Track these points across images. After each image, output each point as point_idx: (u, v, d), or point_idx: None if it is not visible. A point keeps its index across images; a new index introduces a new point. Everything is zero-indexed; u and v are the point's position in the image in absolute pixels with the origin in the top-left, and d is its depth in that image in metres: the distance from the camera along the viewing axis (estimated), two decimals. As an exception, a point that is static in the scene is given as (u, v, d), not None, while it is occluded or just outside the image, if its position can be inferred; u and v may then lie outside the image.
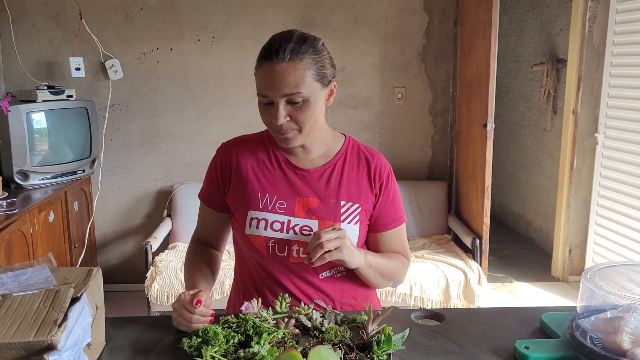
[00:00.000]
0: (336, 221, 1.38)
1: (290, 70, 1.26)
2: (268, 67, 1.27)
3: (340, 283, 1.44)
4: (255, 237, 1.38)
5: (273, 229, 1.37)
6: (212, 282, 1.46)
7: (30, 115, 3.08)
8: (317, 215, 1.38)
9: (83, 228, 3.52)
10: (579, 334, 1.10)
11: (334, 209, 1.39)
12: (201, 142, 3.80)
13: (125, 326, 1.23)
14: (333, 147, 1.44)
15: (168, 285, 3.07)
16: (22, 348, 0.85)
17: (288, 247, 1.37)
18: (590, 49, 3.77)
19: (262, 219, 1.37)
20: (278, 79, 1.26)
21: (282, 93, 1.26)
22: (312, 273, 1.40)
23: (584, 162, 3.92)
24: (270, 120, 1.31)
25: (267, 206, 1.38)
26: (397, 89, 3.83)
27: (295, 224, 1.37)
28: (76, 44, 3.57)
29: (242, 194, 1.40)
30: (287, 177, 1.40)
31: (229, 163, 1.43)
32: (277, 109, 1.27)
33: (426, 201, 3.78)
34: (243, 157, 1.42)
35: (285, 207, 1.38)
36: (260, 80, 1.30)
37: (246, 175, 1.41)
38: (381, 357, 1.06)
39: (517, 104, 5.23)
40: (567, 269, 4.10)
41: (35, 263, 1.08)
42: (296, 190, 1.39)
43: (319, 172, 1.41)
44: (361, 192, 1.42)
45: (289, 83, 1.26)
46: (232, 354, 1.05)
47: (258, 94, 1.31)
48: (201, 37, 3.68)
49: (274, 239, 1.37)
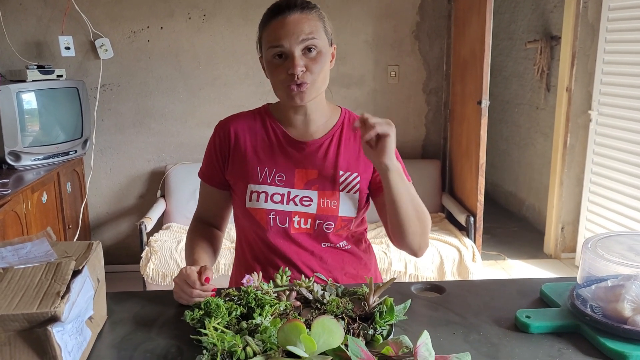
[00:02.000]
0: (335, 190, 1.39)
1: (304, 19, 1.29)
2: (280, 20, 1.29)
3: (342, 254, 1.44)
4: (256, 210, 1.38)
5: (273, 201, 1.37)
6: (214, 259, 1.47)
7: (20, 95, 3.03)
8: (317, 186, 1.38)
9: (77, 209, 3.50)
10: (579, 303, 1.11)
11: (333, 179, 1.39)
12: (193, 122, 3.77)
13: (126, 301, 1.23)
14: (330, 119, 1.45)
15: (163, 265, 3.06)
16: (26, 320, 0.84)
17: (289, 218, 1.38)
18: (584, 25, 3.76)
19: (262, 191, 1.37)
20: (293, 27, 1.27)
21: (299, 39, 1.27)
22: (313, 243, 1.41)
23: (578, 139, 3.93)
24: (284, 75, 1.29)
25: (266, 179, 1.38)
26: (390, 67, 3.81)
27: (295, 195, 1.38)
28: (65, 22, 3.51)
29: (241, 168, 1.40)
30: (286, 151, 1.40)
31: (227, 139, 1.42)
32: (294, 57, 1.27)
33: (420, 180, 3.78)
34: (242, 132, 1.42)
35: (285, 179, 1.39)
36: (272, 33, 1.30)
37: (244, 150, 1.41)
38: (384, 327, 1.06)
39: (510, 82, 5.22)
40: (559, 246, 4.13)
41: (35, 237, 1.07)
42: (295, 162, 1.40)
43: (317, 144, 1.41)
44: (359, 161, 1.42)
45: (304, 30, 1.28)
46: (235, 326, 1.05)
47: (270, 47, 1.30)
48: (192, 16, 3.63)
49: (274, 211, 1.37)
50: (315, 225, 1.39)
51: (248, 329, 1.02)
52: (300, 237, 1.39)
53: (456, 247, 3.20)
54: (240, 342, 0.96)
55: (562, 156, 3.99)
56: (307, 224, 1.39)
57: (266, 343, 0.97)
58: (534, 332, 1.08)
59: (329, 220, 1.38)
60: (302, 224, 1.38)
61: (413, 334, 1.04)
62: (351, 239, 1.46)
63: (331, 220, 1.38)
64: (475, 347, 1.04)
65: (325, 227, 1.39)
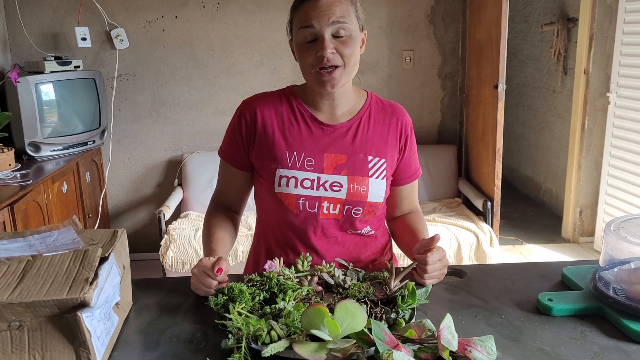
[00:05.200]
0: (364, 176, 1.38)
1: (336, 2, 1.29)
2: (312, 3, 1.28)
3: (364, 239, 1.45)
4: (285, 195, 1.37)
5: (303, 187, 1.36)
6: (230, 246, 1.46)
7: (38, 86, 3.06)
8: (346, 171, 1.38)
9: (96, 198, 3.54)
10: (602, 285, 1.11)
11: (362, 164, 1.39)
12: (209, 110, 3.78)
13: (149, 287, 1.25)
14: (357, 103, 1.44)
15: (182, 252, 3.09)
16: (56, 306, 0.86)
17: (318, 203, 1.38)
18: (602, 7, 3.70)
19: (292, 176, 1.36)
20: (325, 9, 1.27)
21: (330, 21, 1.27)
22: (339, 230, 1.41)
23: (596, 122, 3.89)
24: (313, 58, 1.29)
25: (295, 164, 1.37)
26: (405, 52, 3.79)
27: (325, 180, 1.37)
28: (81, 13, 3.53)
29: (269, 152, 1.38)
30: (313, 134, 1.39)
31: (253, 121, 1.40)
32: (324, 39, 1.27)
33: (436, 165, 3.77)
34: (268, 113, 1.40)
35: (314, 164, 1.37)
36: (303, 14, 1.29)
37: (272, 133, 1.39)
38: (406, 311, 1.07)
39: (526, 65, 5.17)
40: (577, 230, 4.11)
41: (61, 225, 1.09)
42: (323, 146, 1.39)
43: (345, 127, 1.40)
44: (387, 147, 1.42)
45: (336, 12, 1.28)
46: (258, 311, 1.06)
47: (301, 27, 1.29)
48: (206, 4, 3.63)
49: (304, 197, 1.37)
50: (344, 210, 1.39)
51: (271, 314, 1.04)
52: (328, 223, 1.40)
53: (473, 232, 3.20)
54: (265, 326, 0.97)
55: (579, 139, 3.95)
56: (335, 210, 1.38)
57: (290, 327, 0.98)
58: (556, 315, 1.08)
59: (358, 205, 1.38)
60: (332, 210, 1.38)
61: (435, 318, 1.05)
62: (374, 224, 1.47)
63: (360, 206, 1.38)
64: (497, 330, 1.04)
65: (354, 212, 1.39)
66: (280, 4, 3.57)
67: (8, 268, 0.94)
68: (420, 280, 1.23)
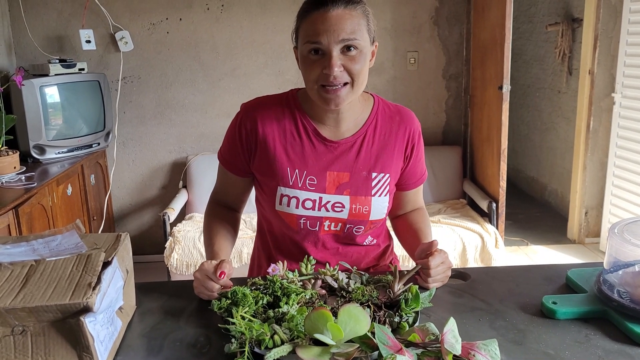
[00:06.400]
0: (367, 195, 1.34)
1: (347, 16, 1.20)
2: (321, 14, 1.20)
3: (366, 248, 1.45)
4: (286, 214, 1.34)
5: (305, 207, 1.33)
6: (232, 246, 1.44)
7: (43, 89, 3.08)
8: (348, 191, 1.33)
9: (101, 201, 3.55)
10: (606, 288, 1.10)
11: (365, 183, 1.34)
12: (214, 112, 3.79)
13: (153, 291, 1.25)
14: (363, 112, 1.37)
15: (187, 254, 3.10)
16: (59, 310, 0.86)
17: (320, 222, 1.35)
18: (606, 7, 3.68)
19: (293, 196, 1.32)
20: (334, 24, 1.19)
21: (339, 39, 1.19)
22: (339, 243, 1.40)
23: (601, 123, 3.87)
24: (319, 74, 1.21)
25: (297, 183, 1.32)
26: (409, 53, 3.79)
27: (327, 201, 1.33)
28: (85, 16, 3.54)
29: (269, 167, 1.34)
30: (316, 150, 1.33)
31: (254, 131, 1.33)
32: (331, 56, 1.19)
33: (441, 166, 3.77)
34: (269, 124, 1.33)
35: (316, 183, 1.32)
36: (310, 27, 1.21)
37: (274, 147, 1.33)
38: (409, 315, 1.07)
39: (530, 66, 5.15)
40: (583, 231, 4.09)
41: (64, 230, 1.09)
42: (326, 164, 1.33)
43: (349, 143, 1.34)
44: (392, 160, 1.36)
45: (346, 28, 1.19)
46: (262, 315, 1.06)
47: (307, 42, 1.21)
48: (210, 6, 3.64)
49: (305, 217, 1.34)
50: (345, 228, 1.37)
51: (275, 318, 1.03)
52: (328, 237, 1.38)
53: (478, 233, 3.19)
54: (268, 331, 0.97)
55: (585, 140, 3.93)
56: (337, 227, 1.36)
57: (293, 331, 0.98)
58: (561, 318, 1.08)
59: (359, 224, 1.36)
60: (332, 227, 1.36)
61: (439, 321, 1.04)
62: (376, 232, 1.45)
63: (362, 225, 1.36)
64: (501, 334, 1.04)
65: (355, 230, 1.37)
66: (284, 6, 3.57)
67: (11, 273, 0.94)
68: (425, 285, 1.22)
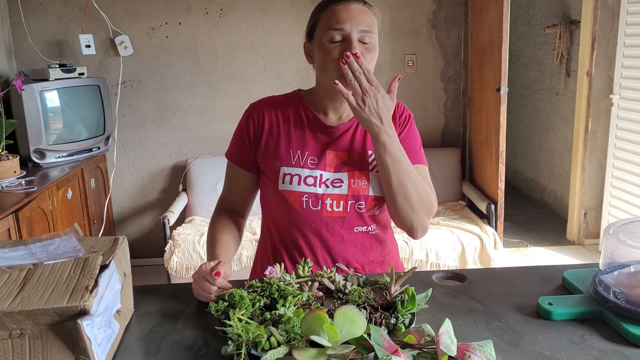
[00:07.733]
0: (365, 170, 1.41)
1: (365, 11, 1.34)
2: (342, 6, 1.33)
3: (370, 240, 1.46)
4: (289, 192, 1.39)
5: (306, 184, 1.39)
6: (235, 250, 1.47)
7: (43, 93, 3.09)
8: (346, 168, 1.41)
9: (101, 204, 3.56)
10: (602, 289, 1.11)
11: (362, 159, 1.42)
12: (213, 116, 3.80)
13: (151, 294, 1.26)
14: None
15: (187, 258, 3.10)
16: (56, 314, 0.86)
17: (321, 201, 1.39)
18: (604, 9, 3.70)
19: (296, 174, 1.39)
20: (356, 15, 1.32)
21: (360, 28, 1.31)
22: (345, 229, 1.42)
23: (599, 124, 3.88)
24: (337, 54, 1.31)
25: (299, 162, 1.41)
26: (407, 56, 3.80)
27: (326, 178, 1.40)
28: (85, 21, 3.56)
29: (273, 151, 1.43)
30: (316, 135, 1.43)
31: (261, 121, 1.45)
32: (352, 40, 1.30)
33: (440, 168, 3.77)
34: (275, 115, 1.45)
35: (317, 162, 1.41)
36: (333, 16, 1.33)
37: (278, 134, 1.44)
38: (406, 316, 1.07)
39: (529, 68, 5.16)
40: (582, 232, 4.09)
41: (62, 233, 1.10)
42: (325, 145, 1.42)
43: (346, 127, 1.43)
44: None
45: (365, 21, 1.32)
46: (259, 317, 1.06)
47: (329, 29, 1.32)
48: (209, 10, 3.65)
49: (307, 194, 1.39)
50: (347, 206, 1.40)
51: (272, 320, 1.04)
52: (333, 221, 1.41)
53: (477, 235, 3.19)
54: (265, 333, 0.97)
55: (583, 141, 3.94)
56: (339, 207, 1.40)
57: (290, 333, 0.98)
58: (557, 319, 1.08)
59: (360, 200, 1.40)
60: (335, 207, 1.40)
61: (435, 323, 1.05)
62: (379, 223, 1.47)
63: (362, 200, 1.40)
64: (497, 335, 1.04)
65: (357, 207, 1.40)
66: (282, 10, 3.58)
67: (9, 276, 0.95)
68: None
